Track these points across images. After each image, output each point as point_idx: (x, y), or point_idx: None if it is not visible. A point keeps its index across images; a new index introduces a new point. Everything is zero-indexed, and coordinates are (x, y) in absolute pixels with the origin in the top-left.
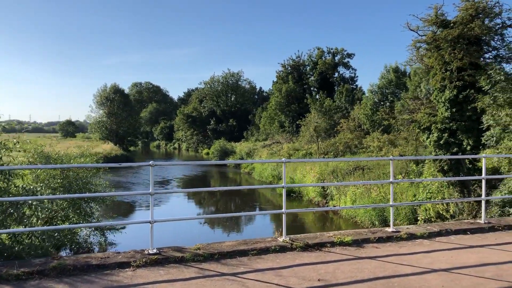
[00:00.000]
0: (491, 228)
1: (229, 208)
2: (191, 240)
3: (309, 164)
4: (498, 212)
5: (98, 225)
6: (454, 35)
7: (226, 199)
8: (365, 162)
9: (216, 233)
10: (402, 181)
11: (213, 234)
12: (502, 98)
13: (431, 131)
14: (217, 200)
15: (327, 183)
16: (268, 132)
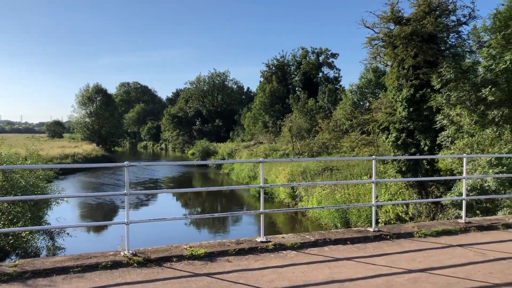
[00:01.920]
0: (378, 237)
1: (207, 209)
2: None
3: (283, 164)
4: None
5: (64, 227)
6: (407, 32)
7: (204, 200)
8: (334, 163)
9: (191, 233)
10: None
11: (189, 234)
12: (455, 97)
13: (390, 131)
14: (196, 200)
15: (304, 182)
16: (253, 133)
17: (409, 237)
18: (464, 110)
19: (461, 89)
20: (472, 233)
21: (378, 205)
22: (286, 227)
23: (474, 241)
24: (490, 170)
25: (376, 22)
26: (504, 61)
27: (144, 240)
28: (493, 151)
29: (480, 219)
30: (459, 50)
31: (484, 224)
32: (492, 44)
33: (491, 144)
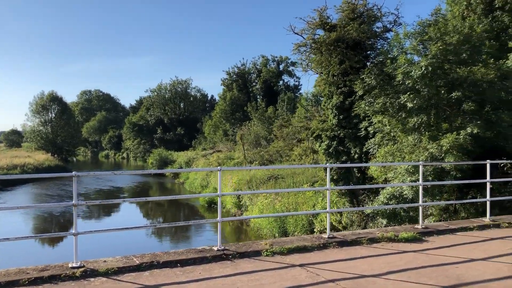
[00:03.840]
0: (217, 257)
1: (164, 218)
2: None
3: (234, 173)
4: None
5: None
6: (332, 38)
7: (161, 210)
8: (279, 171)
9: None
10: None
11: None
12: (378, 104)
13: (322, 139)
14: (154, 210)
15: (264, 190)
16: (215, 141)
17: (255, 256)
18: (387, 117)
19: (383, 96)
20: (330, 249)
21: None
22: (232, 237)
23: (321, 260)
24: (408, 178)
25: (305, 28)
26: (420, 67)
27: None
28: (410, 159)
29: (347, 233)
30: (381, 57)
31: (348, 239)
32: (409, 50)
33: (411, 152)
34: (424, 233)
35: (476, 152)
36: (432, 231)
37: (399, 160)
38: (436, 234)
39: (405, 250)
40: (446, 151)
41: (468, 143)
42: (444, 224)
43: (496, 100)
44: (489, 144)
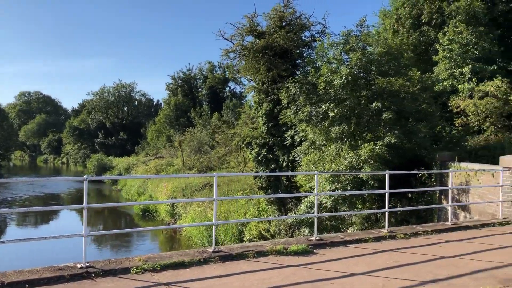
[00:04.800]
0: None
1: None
2: None
3: (172, 179)
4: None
5: None
6: (260, 45)
7: (102, 217)
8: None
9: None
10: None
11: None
12: (302, 113)
13: (253, 147)
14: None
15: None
16: (158, 147)
17: (122, 273)
18: (311, 126)
19: (308, 105)
20: (209, 265)
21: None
22: (165, 246)
23: (193, 277)
24: (328, 187)
25: (235, 34)
26: (341, 77)
27: None
28: (330, 168)
29: (235, 247)
30: (307, 67)
31: (233, 253)
32: (331, 59)
33: (332, 161)
34: (317, 245)
35: (395, 162)
36: (325, 243)
37: (321, 169)
38: (329, 247)
39: (289, 264)
40: (364, 161)
41: (385, 153)
42: (340, 236)
43: (414, 111)
44: (410, 154)
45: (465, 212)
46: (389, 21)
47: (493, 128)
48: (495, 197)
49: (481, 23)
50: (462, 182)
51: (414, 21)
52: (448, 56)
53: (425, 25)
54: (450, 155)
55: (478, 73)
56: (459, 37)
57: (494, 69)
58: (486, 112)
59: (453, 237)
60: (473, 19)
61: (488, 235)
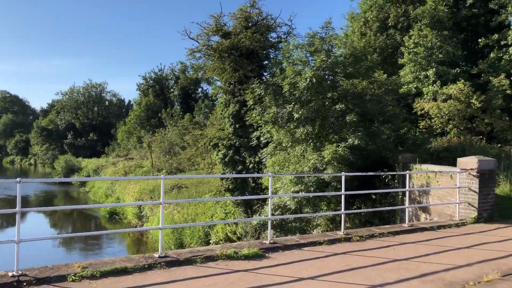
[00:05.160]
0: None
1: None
2: None
3: (134, 182)
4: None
5: None
6: (226, 45)
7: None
8: (184, 181)
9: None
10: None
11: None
12: (267, 114)
13: (219, 148)
14: (59, 220)
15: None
16: (129, 148)
17: (58, 281)
18: (276, 128)
19: (274, 106)
20: (153, 271)
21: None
22: (131, 248)
23: (135, 284)
24: (292, 189)
25: (201, 34)
26: (305, 79)
27: None
28: (294, 169)
29: (184, 251)
30: (273, 68)
31: (181, 258)
32: (295, 61)
33: (297, 162)
34: (270, 249)
35: (359, 164)
36: (279, 246)
37: (286, 171)
38: (282, 250)
39: (237, 269)
40: (327, 162)
41: (348, 154)
42: (295, 239)
43: (378, 113)
44: (374, 156)
45: (426, 214)
46: (357, 24)
47: (455, 130)
48: (453, 199)
49: (445, 27)
50: (423, 183)
51: (381, 25)
52: (413, 59)
53: (392, 28)
54: (412, 157)
55: (442, 76)
56: (424, 41)
57: (457, 72)
58: (449, 114)
59: (409, 239)
60: (437, 23)
61: (443, 236)
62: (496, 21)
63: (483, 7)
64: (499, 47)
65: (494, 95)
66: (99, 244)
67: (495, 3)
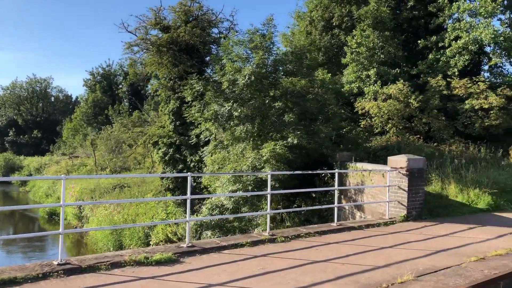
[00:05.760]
0: None
1: None
2: None
3: (77, 181)
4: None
5: None
6: (164, 39)
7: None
8: (127, 180)
9: None
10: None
11: None
12: (207, 111)
13: (159, 146)
14: None
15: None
16: (75, 146)
17: None
18: (215, 125)
19: (214, 103)
20: (49, 280)
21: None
22: (72, 251)
23: None
24: (229, 188)
25: (139, 27)
26: (244, 76)
27: None
28: (231, 168)
29: (89, 258)
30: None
31: (82, 265)
32: (234, 58)
33: (236, 161)
34: (186, 253)
35: (298, 163)
36: (197, 250)
37: (226, 169)
38: (200, 254)
39: (143, 276)
40: (266, 161)
41: (286, 153)
42: (215, 241)
43: (317, 112)
44: (315, 155)
45: (361, 212)
46: (303, 23)
47: (394, 129)
48: (384, 197)
49: (387, 28)
50: (358, 182)
51: (326, 24)
52: (355, 59)
53: (336, 28)
54: (349, 155)
55: (383, 76)
56: (366, 41)
57: (397, 73)
58: (388, 114)
59: (334, 239)
60: (380, 24)
61: (370, 236)
62: (435, 24)
63: (423, 10)
64: (437, 49)
65: (431, 95)
66: (40, 247)
67: (433, 6)
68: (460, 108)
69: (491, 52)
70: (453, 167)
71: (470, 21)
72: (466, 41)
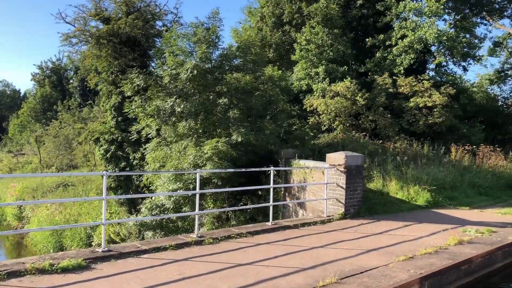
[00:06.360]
0: None
1: None
2: None
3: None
4: None
5: None
6: (104, 30)
7: None
8: (72, 178)
9: None
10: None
11: None
12: (148, 107)
13: (101, 143)
14: None
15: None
16: (22, 143)
17: None
18: (157, 121)
19: (156, 98)
20: None
21: None
22: (12, 253)
23: None
24: (170, 187)
25: (78, 18)
26: (186, 70)
27: None
28: (172, 166)
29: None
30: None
31: None
32: (176, 51)
33: (177, 158)
34: (100, 258)
35: (243, 160)
36: (112, 255)
37: (167, 168)
38: (115, 259)
39: (41, 287)
40: (208, 158)
41: (230, 150)
42: (136, 245)
43: (262, 108)
44: (262, 152)
45: (303, 210)
46: (254, 19)
47: (342, 126)
48: (324, 195)
49: (336, 26)
50: (301, 179)
51: (276, 20)
52: (305, 56)
53: (287, 24)
54: (293, 152)
55: (332, 73)
56: (315, 38)
57: (345, 70)
58: (335, 111)
59: (266, 239)
60: (329, 21)
61: (304, 235)
62: (383, 22)
63: (372, 8)
64: (384, 47)
65: (378, 93)
66: None
67: (381, 5)
68: (405, 106)
69: (436, 51)
70: (395, 164)
71: (415, 20)
72: (412, 40)
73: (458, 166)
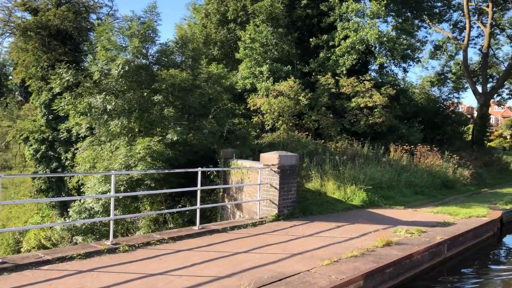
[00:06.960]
0: None
1: None
2: None
3: None
4: None
5: None
6: (30, 22)
7: None
8: (4, 180)
9: None
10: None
11: None
12: (80, 104)
13: (30, 142)
14: None
15: None
16: None
17: None
18: (88, 119)
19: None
20: None
21: None
22: None
23: None
24: (100, 189)
25: (1, 7)
26: (117, 66)
27: None
28: (101, 167)
29: None
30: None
31: None
32: (108, 45)
33: (108, 158)
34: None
35: (180, 160)
36: (5, 268)
37: (98, 168)
38: (9, 272)
39: None
40: (140, 158)
41: (164, 149)
42: (38, 255)
43: (199, 107)
44: (201, 152)
45: (240, 211)
46: (199, 16)
47: (285, 126)
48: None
49: (281, 25)
50: (239, 180)
51: (221, 18)
52: (249, 54)
53: (232, 22)
54: (232, 152)
55: (276, 72)
56: (259, 37)
57: (289, 70)
58: (279, 110)
59: (188, 245)
60: (274, 20)
61: (231, 239)
62: (326, 23)
63: (316, 8)
64: (328, 48)
65: (321, 93)
66: None
67: (325, 5)
68: (347, 106)
69: (377, 52)
70: (334, 164)
71: (358, 21)
72: (354, 41)
73: (395, 165)
